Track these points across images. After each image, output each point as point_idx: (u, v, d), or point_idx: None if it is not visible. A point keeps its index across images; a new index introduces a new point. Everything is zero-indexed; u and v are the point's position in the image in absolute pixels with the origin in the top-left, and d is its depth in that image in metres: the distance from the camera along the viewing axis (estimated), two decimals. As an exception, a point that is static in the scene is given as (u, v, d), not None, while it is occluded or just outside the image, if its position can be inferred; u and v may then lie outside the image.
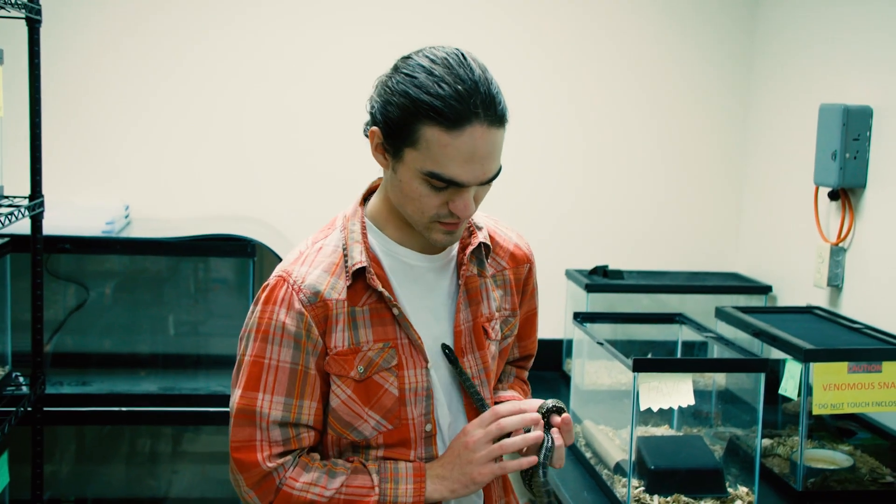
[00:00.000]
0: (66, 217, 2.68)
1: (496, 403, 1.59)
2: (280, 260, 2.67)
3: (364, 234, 1.50)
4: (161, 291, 3.03)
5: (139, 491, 3.17)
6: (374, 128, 1.43)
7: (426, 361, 1.50)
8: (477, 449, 1.46)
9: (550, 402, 1.51)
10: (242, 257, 2.67)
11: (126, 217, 2.90)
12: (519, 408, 1.50)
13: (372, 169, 1.53)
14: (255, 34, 3.05)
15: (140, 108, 3.03)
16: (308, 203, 3.08)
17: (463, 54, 1.40)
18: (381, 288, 1.46)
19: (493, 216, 1.67)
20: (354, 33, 3.07)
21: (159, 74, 3.02)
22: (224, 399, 2.70)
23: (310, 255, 1.50)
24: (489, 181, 1.42)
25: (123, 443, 3.14)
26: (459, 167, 1.37)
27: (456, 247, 1.57)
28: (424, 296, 1.53)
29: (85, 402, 2.64)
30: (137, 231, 2.79)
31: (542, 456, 1.47)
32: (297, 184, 3.10)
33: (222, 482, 3.09)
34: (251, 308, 1.51)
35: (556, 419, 1.50)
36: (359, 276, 1.47)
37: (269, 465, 1.45)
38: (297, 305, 1.45)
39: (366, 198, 1.58)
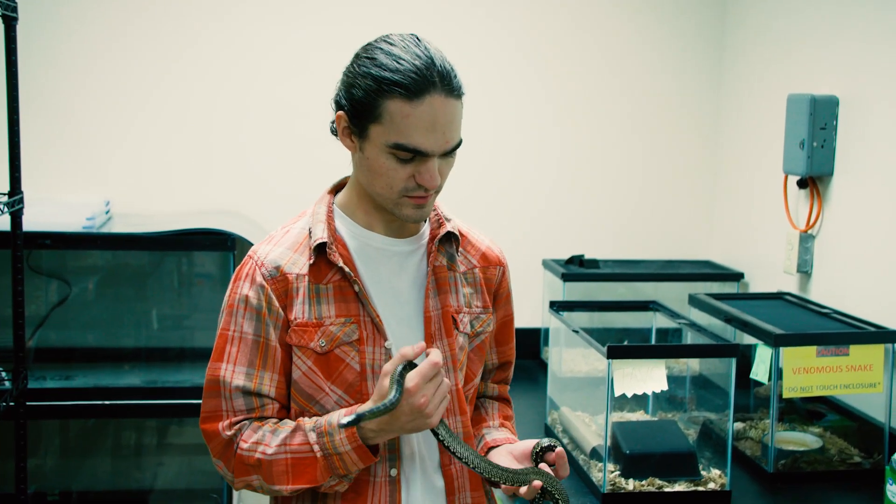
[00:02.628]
0: (46, 213, 2.69)
1: (490, 448, 1.63)
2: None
3: (329, 216, 1.56)
4: (144, 286, 3.05)
5: (125, 483, 3.19)
6: (340, 112, 1.50)
7: (385, 339, 1.54)
8: (433, 413, 1.45)
9: (546, 442, 1.57)
10: (222, 251, 2.69)
11: (107, 213, 2.92)
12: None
13: (349, 164, 1.57)
14: (236, 32, 3.07)
15: (120, 105, 3.04)
16: (288, 196, 3.10)
17: (417, 37, 1.48)
18: (341, 263, 1.52)
19: (469, 224, 1.71)
20: (336, 29, 3.10)
21: (139, 71, 3.04)
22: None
23: (276, 236, 1.58)
24: (451, 151, 1.48)
25: (108, 436, 3.16)
26: (422, 136, 1.43)
27: (426, 235, 1.61)
28: (391, 278, 1.57)
29: (68, 396, 2.66)
30: (118, 226, 2.81)
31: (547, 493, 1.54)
32: (277, 178, 3.13)
33: (208, 473, 3.12)
34: None
35: (551, 455, 1.55)
36: (322, 254, 1.53)
37: (228, 433, 1.50)
38: (259, 279, 1.52)
39: (337, 191, 1.64)
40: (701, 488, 2.16)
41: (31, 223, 2.56)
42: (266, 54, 3.10)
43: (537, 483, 1.51)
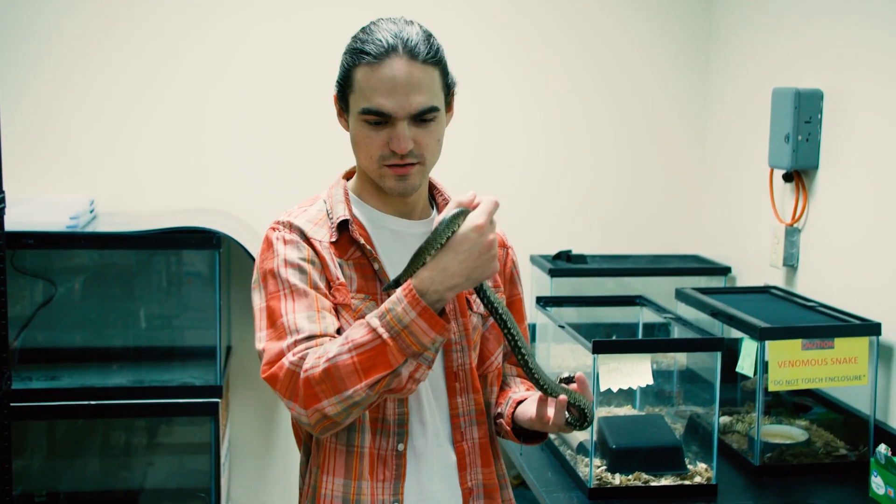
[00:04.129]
0: (29, 212, 2.68)
1: (518, 403, 1.65)
2: (247, 252, 2.70)
3: (347, 198, 1.60)
4: (130, 285, 3.04)
5: (113, 484, 3.18)
6: (335, 94, 1.58)
7: None
8: (492, 247, 1.43)
9: (565, 374, 1.59)
10: (208, 249, 2.69)
11: (91, 212, 2.91)
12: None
13: (336, 160, 1.58)
14: (219, 29, 3.06)
15: (104, 103, 3.03)
16: (275, 194, 3.09)
17: (403, 18, 1.56)
18: (363, 241, 1.55)
19: None
20: (310, 21, 3.09)
21: (122, 69, 3.02)
22: (195, 390, 2.73)
23: (294, 212, 1.61)
24: (420, 118, 1.51)
25: (96, 436, 3.15)
26: (383, 97, 1.48)
27: (436, 218, 1.63)
28: (405, 258, 1.57)
29: (54, 396, 2.66)
30: (102, 225, 2.80)
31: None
32: (263, 176, 3.12)
33: (197, 473, 3.12)
34: (254, 269, 1.58)
35: (573, 385, 1.56)
36: (343, 232, 1.56)
37: (293, 358, 1.44)
38: (294, 239, 1.54)
39: (348, 178, 1.67)
40: (687, 482, 2.17)
41: (13, 223, 2.55)
42: (255, 53, 3.09)
43: (563, 398, 1.51)
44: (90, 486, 3.16)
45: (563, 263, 3.07)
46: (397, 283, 1.44)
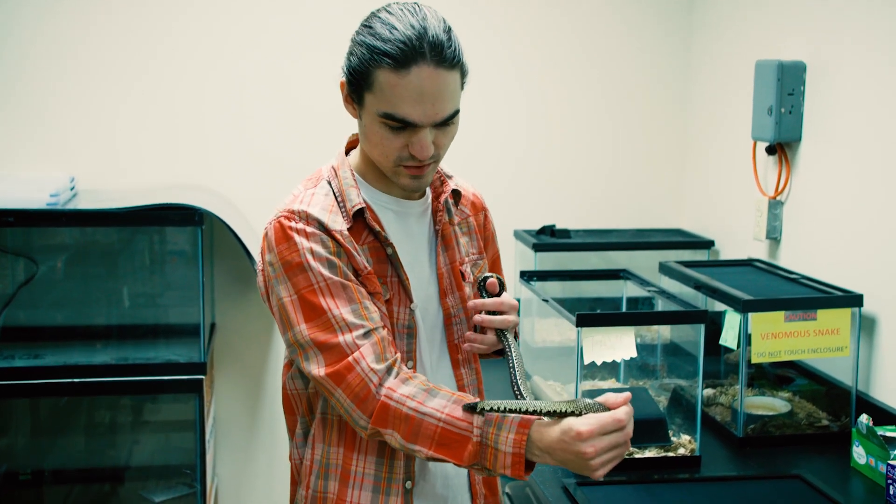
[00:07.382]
0: (9, 190, 2.66)
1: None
2: (230, 229, 2.68)
3: (355, 180, 1.58)
4: (113, 263, 3.02)
5: (98, 461, 3.18)
6: (342, 79, 1.53)
7: (410, 301, 1.57)
8: (598, 466, 1.38)
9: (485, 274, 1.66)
10: (190, 226, 2.67)
11: (72, 189, 2.88)
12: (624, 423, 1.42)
13: (320, 136, 1.56)
14: (201, 8, 3.03)
15: (83, 78, 3.00)
16: (257, 171, 3.07)
17: (419, 6, 1.48)
18: (378, 228, 1.54)
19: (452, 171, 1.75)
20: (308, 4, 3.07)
21: (102, 44, 2.99)
22: (179, 367, 2.72)
23: (304, 198, 1.55)
24: (444, 123, 1.48)
25: (81, 414, 3.14)
26: (410, 106, 1.44)
27: (430, 195, 1.66)
28: (409, 239, 1.61)
29: (38, 374, 2.64)
30: (84, 203, 2.78)
31: None
32: (245, 152, 3.09)
33: (183, 449, 3.12)
34: (264, 258, 1.53)
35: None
36: (357, 217, 1.55)
37: (365, 366, 1.44)
38: (314, 231, 1.50)
39: (348, 150, 1.66)
40: (671, 454, 2.18)
41: (-7, 201, 2.52)
42: (243, 33, 3.05)
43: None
44: (75, 463, 3.15)
45: (547, 238, 3.07)
46: (485, 408, 1.41)
